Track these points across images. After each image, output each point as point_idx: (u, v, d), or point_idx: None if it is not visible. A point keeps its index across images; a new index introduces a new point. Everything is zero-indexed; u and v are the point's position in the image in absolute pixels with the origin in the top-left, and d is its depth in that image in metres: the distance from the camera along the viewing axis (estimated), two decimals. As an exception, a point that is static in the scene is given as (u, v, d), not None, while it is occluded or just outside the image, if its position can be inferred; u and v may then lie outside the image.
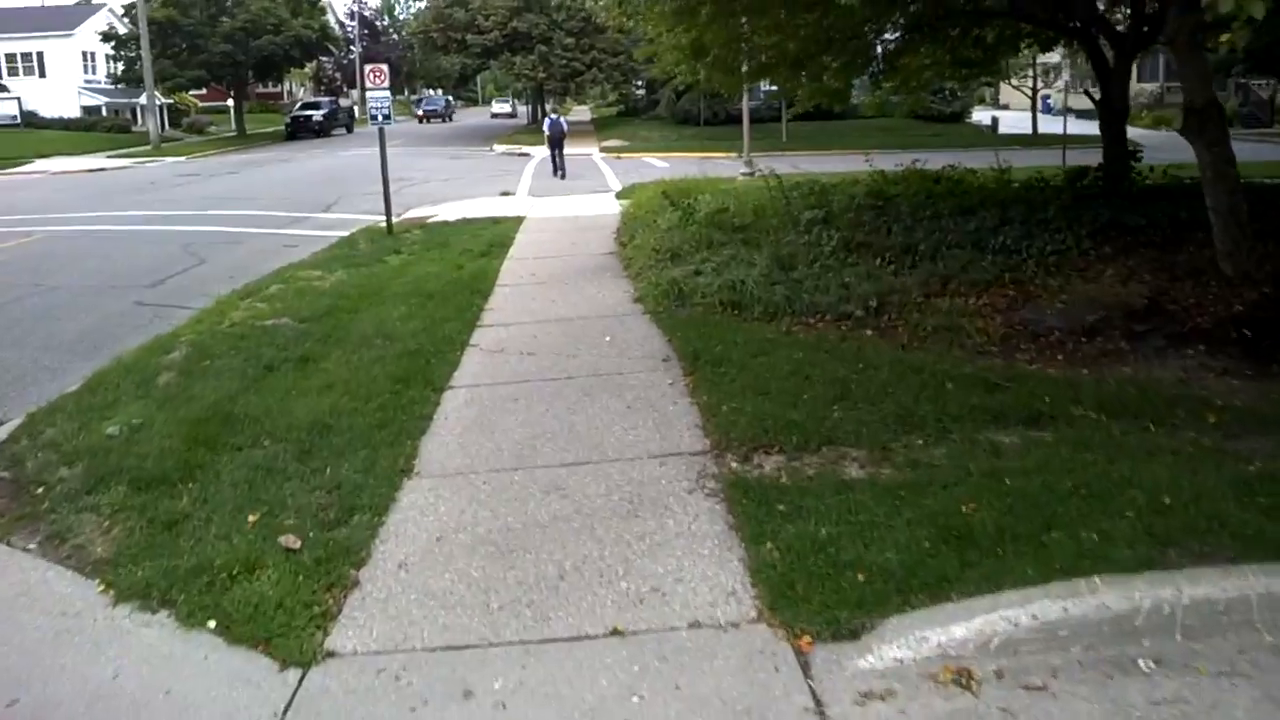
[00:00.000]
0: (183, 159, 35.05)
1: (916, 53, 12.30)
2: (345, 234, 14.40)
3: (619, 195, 18.25)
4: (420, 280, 9.85)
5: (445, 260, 11.23)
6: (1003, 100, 53.03)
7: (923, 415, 5.18)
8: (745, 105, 18.28)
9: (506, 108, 70.35)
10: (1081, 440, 4.78)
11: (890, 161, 27.30)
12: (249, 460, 5.06)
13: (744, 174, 18.01)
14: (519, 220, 14.82)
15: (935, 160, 26.67)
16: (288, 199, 19.53)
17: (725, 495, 4.43)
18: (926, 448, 4.80)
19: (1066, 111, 42.95)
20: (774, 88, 15.87)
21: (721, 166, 25.79)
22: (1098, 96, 10.92)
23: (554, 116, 26.39)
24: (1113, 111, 10.56)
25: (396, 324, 7.94)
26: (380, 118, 13.21)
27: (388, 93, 13.26)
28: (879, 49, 12.19)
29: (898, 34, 12.10)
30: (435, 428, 5.60)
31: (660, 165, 27.04)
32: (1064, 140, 23.51)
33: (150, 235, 15.13)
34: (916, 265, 8.42)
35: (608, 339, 7.43)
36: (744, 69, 11.16)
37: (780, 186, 12.28)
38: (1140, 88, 45.15)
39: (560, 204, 17.43)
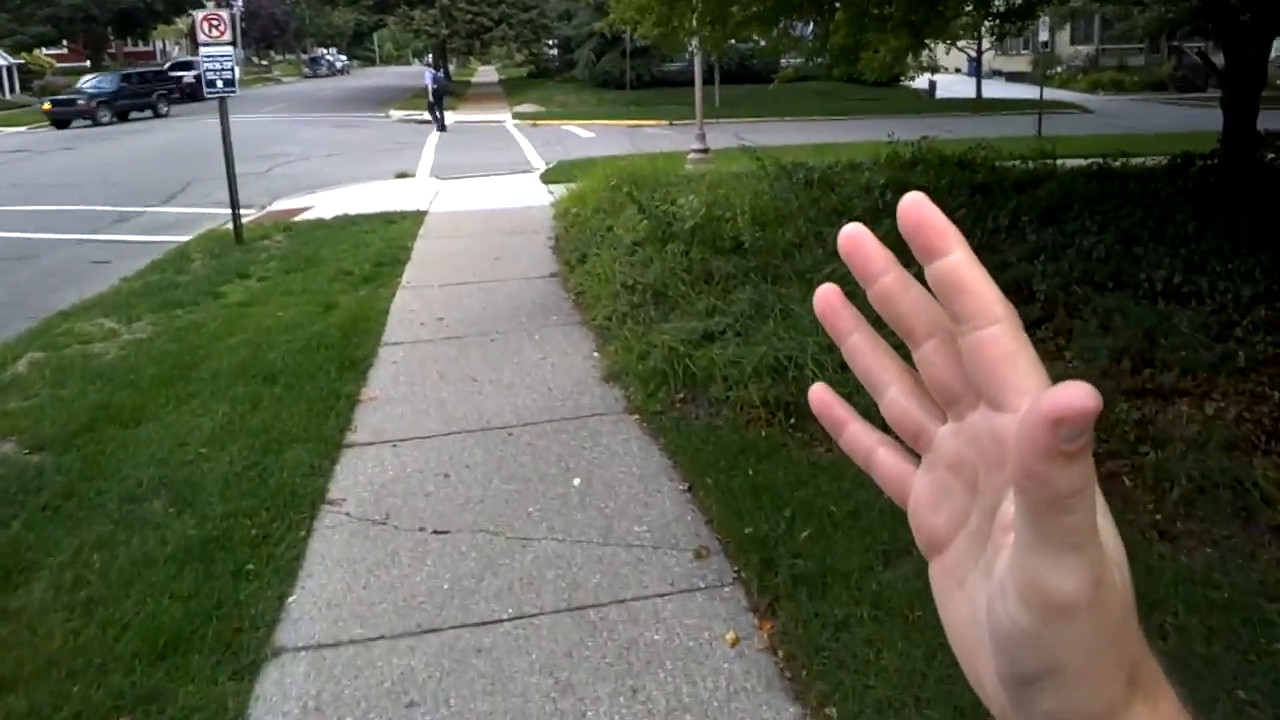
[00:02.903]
0: (22, 129, 29.82)
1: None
2: (183, 239, 10.71)
3: (546, 177, 14.83)
4: (265, 338, 6.39)
5: (310, 291, 7.75)
6: (929, 63, 50.91)
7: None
8: (698, 65, 14.94)
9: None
10: None
11: (835, 130, 24.45)
12: None
13: (696, 152, 14.80)
14: (419, 217, 11.31)
15: (879, 127, 23.99)
16: (124, 184, 15.46)
17: None
18: None
19: (991, 73, 41.03)
20: (745, 43, 12.65)
21: (655, 137, 22.54)
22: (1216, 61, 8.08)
23: (436, 70, 25.73)
24: (1245, 80, 7.70)
25: (199, 456, 4.54)
26: (220, 84, 9.51)
27: (230, 50, 9.56)
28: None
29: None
30: None
31: (585, 135, 23.57)
32: (1040, 105, 20.98)
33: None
34: (1050, 317, 5.44)
35: (577, 482, 4.22)
36: (733, 16, 7.94)
37: (770, 174, 9.19)
38: (1075, 50, 43.64)
39: (472, 190, 13.93)
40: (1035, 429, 0.30)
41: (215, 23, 9.49)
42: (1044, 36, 21.83)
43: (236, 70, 10.22)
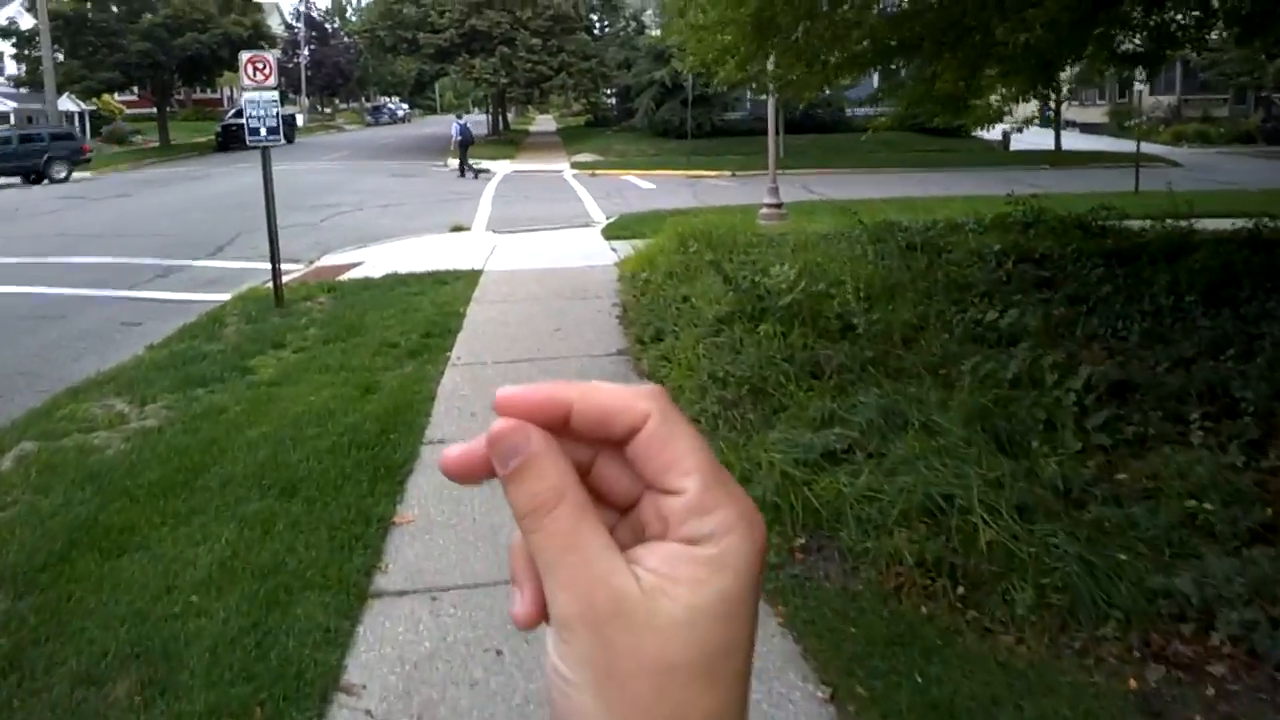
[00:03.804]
0: (86, 174, 30.06)
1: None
2: (223, 298, 9.96)
3: (608, 232, 13.93)
4: (291, 430, 5.44)
5: (349, 368, 6.82)
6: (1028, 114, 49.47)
7: None
8: (771, 112, 13.96)
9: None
10: None
11: (909, 182, 23.33)
12: None
13: (769, 207, 13.79)
14: (473, 278, 10.43)
15: (955, 180, 22.82)
16: (171, 235, 14.93)
17: None
18: None
19: (1065, 125, 39.55)
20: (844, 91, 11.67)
21: (719, 190, 21.64)
22: None
23: (461, 121, 26.51)
24: None
25: (188, 609, 3.54)
26: (264, 132, 8.77)
27: (274, 95, 8.82)
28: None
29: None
30: None
31: (645, 186, 22.78)
32: (1137, 158, 19.64)
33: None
34: (1271, 435, 4.25)
35: None
36: (831, 58, 6.95)
37: (867, 237, 8.14)
38: (1155, 101, 42.04)
39: (530, 246, 13.07)
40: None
41: (260, 66, 8.78)
42: (1140, 85, 20.47)
43: (292, 117, 9.51)
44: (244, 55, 8.85)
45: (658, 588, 0.36)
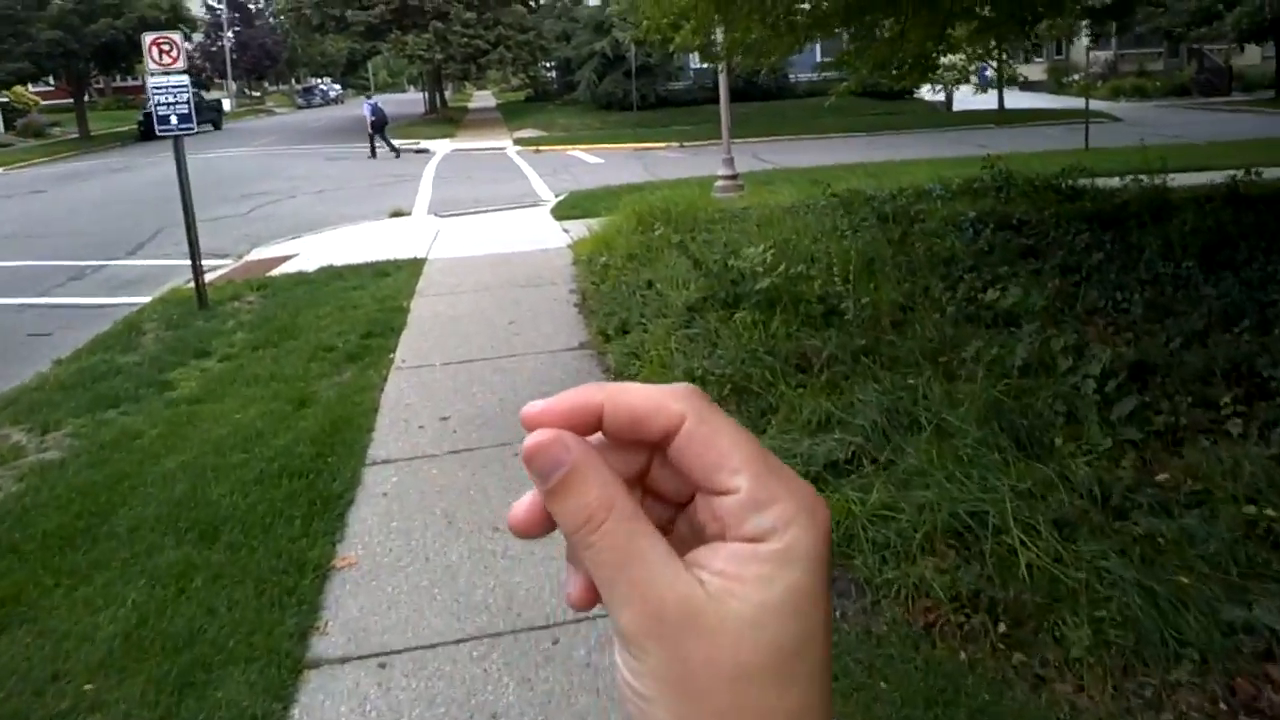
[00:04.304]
0: (-1, 170, 28.42)
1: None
2: (142, 301, 9.15)
3: (558, 212, 13.27)
4: (213, 458, 4.78)
5: (281, 378, 6.14)
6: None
7: None
8: (723, 81, 13.27)
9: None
10: None
11: (859, 148, 22.93)
12: None
13: (724, 179, 13.22)
14: (416, 267, 9.74)
15: (903, 143, 22.42)
16: (87, 233, 13.90)
17: None
18: None
19: (1007, 83, 39.46)
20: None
21: (668, 162, 21.01)
22: None
23: (372, 101, 26.24)
24: None
25: (79, 704, 2.93)
26: (175, 120, 7.95)
27: (185, 80, 8.01)
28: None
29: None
30: None
31: (593, 161, 22.05)
32: (1086, 115, 19.42)
33: None
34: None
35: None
36: (798, 18, 6.39)
37: (834, 208, 7.68)
38: (1093, 56, 42.23)
39: (476, 230, 12.37)
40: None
41: (166, 48, 7.95)
42: (1085, 40, 20.22)
43: (218, 102, 8.69)
44: (147, 37, 7.99)
45: (725, 590, 0.34)
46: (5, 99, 46.10)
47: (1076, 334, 4.61)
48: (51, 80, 45.82)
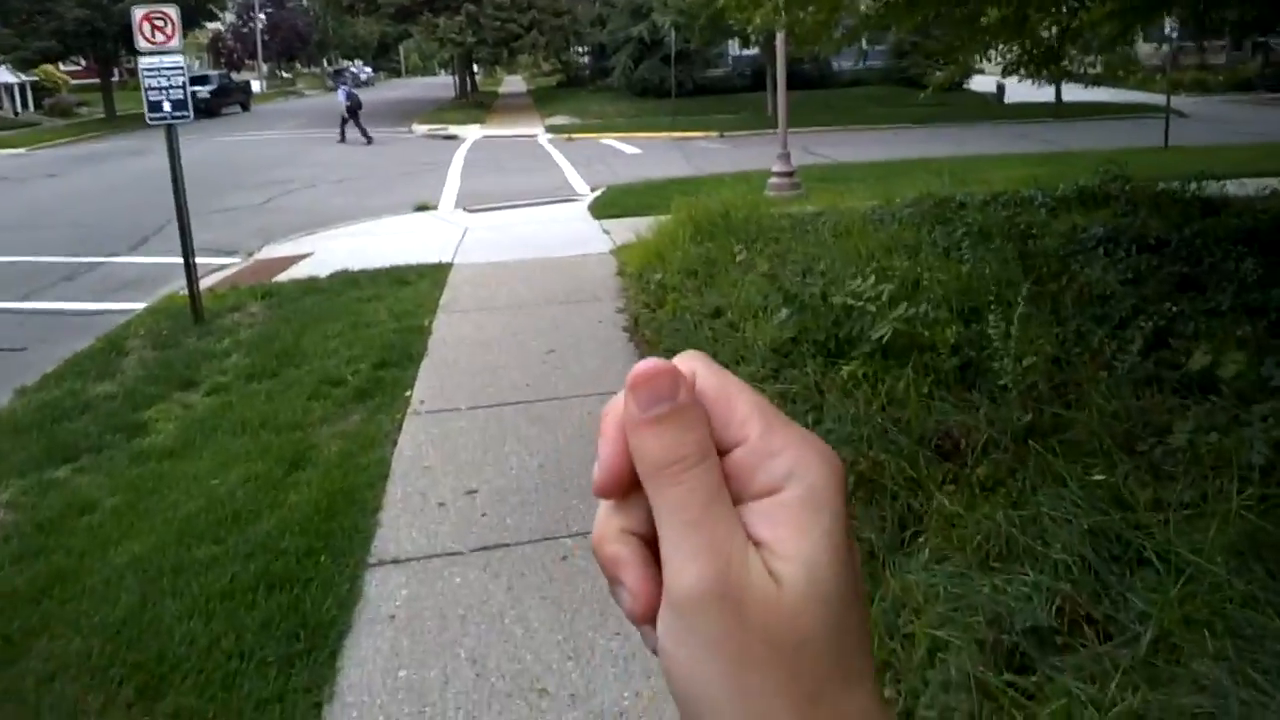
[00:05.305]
0: (20, 151, 27.66)
1: None
2: (135, 308, 8.13)
3: (597, 210, 12.11)
4: (174, 551, 3.69)
5: (274, 425, 5.04)
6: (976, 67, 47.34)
7: None
8: (781, 66, 11.98)
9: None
10: None
11: (913, 141, 21.46)
12: None
13: (779, 176, 12.00)
14: (441, 274, 8.63)
15: (960, 137, 20.93)
16: (89, 225, 12.93)
17: None
18: None
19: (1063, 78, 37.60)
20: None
21: (710, 153, 19.77)
22: None
23: (347, 87, 26.06)
24: None
25: None
26: (168, 106, 6.90)
27: (180, 59, 6.94)
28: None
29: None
30: None
31: (630, 151, 20.84)
32: (1167, 111, 17.96)
33: None
34: None
35: None
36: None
37: (932, 224, 6.49)
38: (1151, 48, 40.29)
39: (508, 228, 11.24)
40: (625, 402, 0.33)
41: (159, 23, 6.86)
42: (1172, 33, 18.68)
43: (248, 83, 7.64)
44: (137, 12, 6.90)
45: (770, 554, 0.32)
46: (35, 78, 45.65)
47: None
48: (80, 60, 45.28)
